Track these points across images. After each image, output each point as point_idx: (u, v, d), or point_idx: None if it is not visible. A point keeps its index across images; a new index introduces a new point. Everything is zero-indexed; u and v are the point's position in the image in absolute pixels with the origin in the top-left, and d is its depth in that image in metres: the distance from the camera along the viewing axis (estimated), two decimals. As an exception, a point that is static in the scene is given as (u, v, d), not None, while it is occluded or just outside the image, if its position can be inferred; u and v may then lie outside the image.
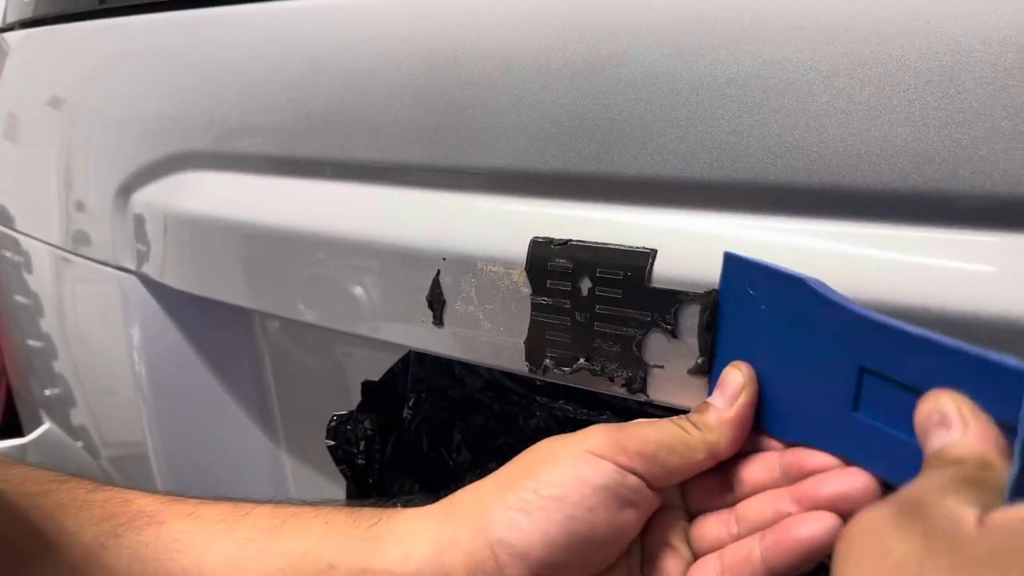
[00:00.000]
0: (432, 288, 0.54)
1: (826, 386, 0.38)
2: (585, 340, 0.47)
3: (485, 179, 0.52)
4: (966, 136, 0.36)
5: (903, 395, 0.34)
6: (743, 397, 0.40)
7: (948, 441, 0.30)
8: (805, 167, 0.40)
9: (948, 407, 0.31)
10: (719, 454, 0.40)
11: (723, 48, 0.42)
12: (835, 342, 0.37)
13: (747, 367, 0.41)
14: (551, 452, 0.41)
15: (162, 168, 0.75)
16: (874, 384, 0.36)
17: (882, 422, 0.36)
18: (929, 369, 0.33)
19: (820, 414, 0.38)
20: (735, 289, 0.41)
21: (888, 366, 0.35)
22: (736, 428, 0.40)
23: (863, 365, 0.36)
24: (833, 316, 0.37)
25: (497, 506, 0.39)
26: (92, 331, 0.95)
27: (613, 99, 0.45)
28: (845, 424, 0.37)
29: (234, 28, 0.67)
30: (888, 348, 0.35)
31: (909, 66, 0.37)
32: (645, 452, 0.39)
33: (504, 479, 0.41)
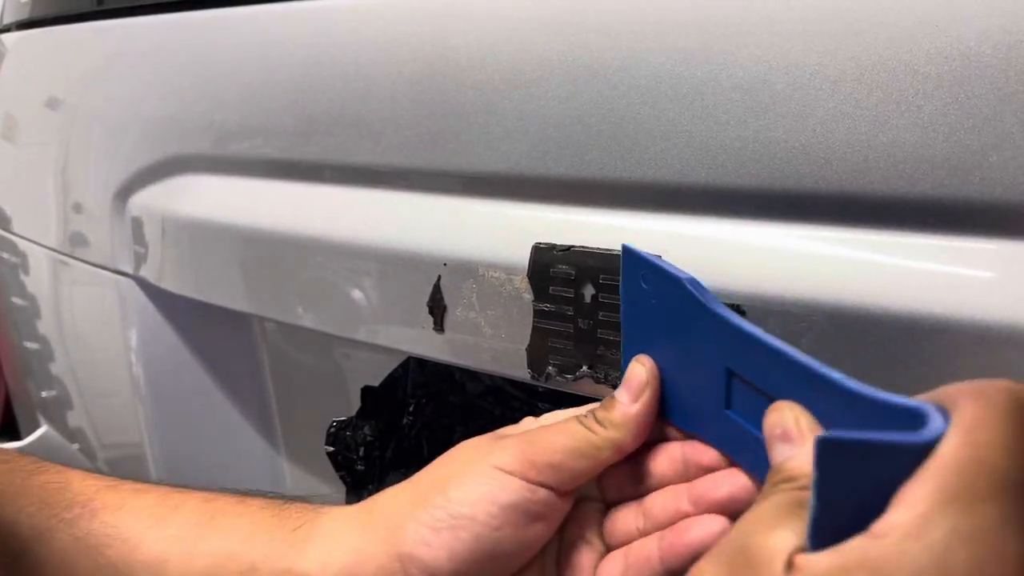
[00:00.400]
0: (433, 294, 0.53)
1: (704, 383, 0.38)
2: (588, 347, 0.47)
3: (487, 183, 0.52)
4: (976, 142, 0.36)
5: (761, 399, 0.35)
6: (647, 394, 0.40)
7: (787, 455, 0.31)
8: (811, 173, 0.40)
9: (788, 420, 0.32)
10: (625, 449, 0.40)
11: (728, 52, 0.41)
12: (707, 342, 0.38)
13: (650, 362, 0.41)
14: (463, 465, 0.41)
15: (160, 171, 0.74)
16: (739, 386, 0.37)
17: (747, 422, 0.37)
18: (780, 378, 0.34)
19: (704, 409, 0.39)
20: (632, 282, 0.42)
21: (748, 370, 0.36)
22: (640, 423, 0.40)
23: (728, 367, 0.37)
24: (704, 317, 0.38)
25: (410, 521, 0.40)
26: (89, 334, 0.94)
27: (617, 103, 0.45)
28: (722, 421, 0.38)
29: (233, 30, 0.67)
30: (748, 353, 0.36)
31: (917, 71, 0.37)
32: (554, 462, 0.40)
33: (419, 490, 0.42)
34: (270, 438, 0.90)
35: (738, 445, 0.38)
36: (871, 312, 0.38)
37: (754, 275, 0.42)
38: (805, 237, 0.41)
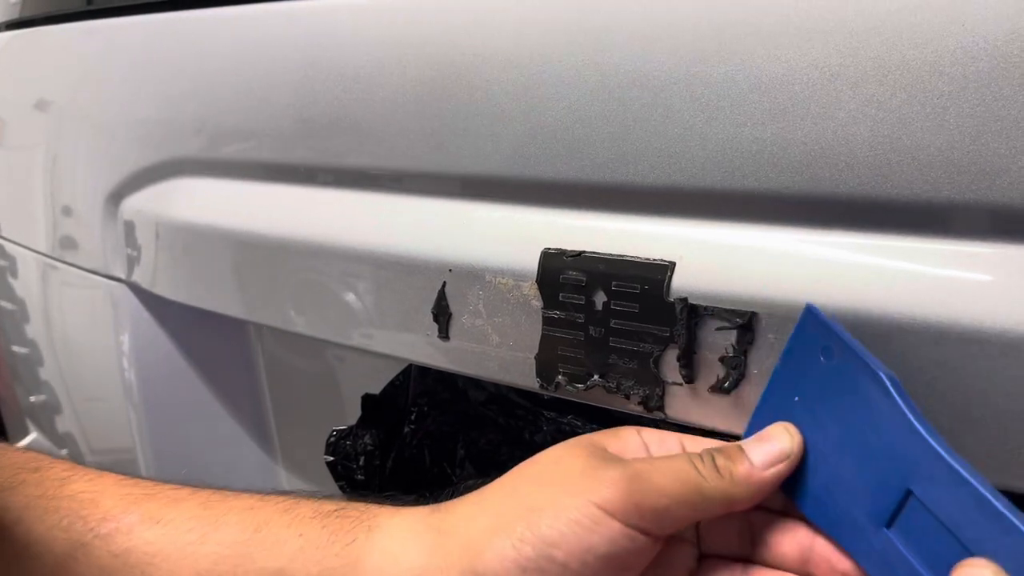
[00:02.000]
0: (438, 300, 0.52)
1: (866, 489, 0.35)
2: (600, 356, 0.46)
3: (494, 187, 0.51)
4: (1004, 146, 0.35)
5: (942, 535, 0.32)
6: (782, 466, 0.37)
7: None
8: (832, 177, 0.39)
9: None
10: (735, 508, 0.37)
11: (745, 52, 0.40)
12: (890, 451, 0.35)
13: (798, 435, 0.38)
14: (556, 495, 0.37)
15: (153, 174, 0.73)
16: (916, 511, 0.34)
17: (910, 551, 0.34)
18: (979, 525, 0.31)
19: (850, 513, 0.36)
20: (806, 346, 0.38)
21: (935, 500, 0.33)
22: (764, 491, 0.37)
23: (911, 488, 0.34)
24: (897, 423, 0.34)
25: (492, 551, 0.37)
26: (80, 338, 0.93)
27: (629, 105, 0.44)
28: (872, 536, 0.35)
29: (227, 30, 0.65)
30: (942, 483, 0.33)
31: (943, 71, 0.36)
32: (659, 508, 0.36)
33: (502, 514, 0.38)
34: (266, 446, 0.88)
35: (885, 570, 0.35)
36: (873, 316, 0.38)
37: (763, 280, 0.41)
38: (826, 244, 0.40)
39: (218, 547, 0.41)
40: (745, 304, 0.41)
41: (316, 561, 0.40)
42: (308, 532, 0.41)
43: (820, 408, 0.37)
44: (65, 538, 0.43)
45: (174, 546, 0.42)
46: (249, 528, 0.42)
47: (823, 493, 0.37)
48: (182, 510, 0.43)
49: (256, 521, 0.42)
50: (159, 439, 0.85)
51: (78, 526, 0.43)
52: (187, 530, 0.42)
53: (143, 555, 0.42)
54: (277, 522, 0.42)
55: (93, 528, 0.43)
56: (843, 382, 0.36)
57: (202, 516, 0.43)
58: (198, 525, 0.42)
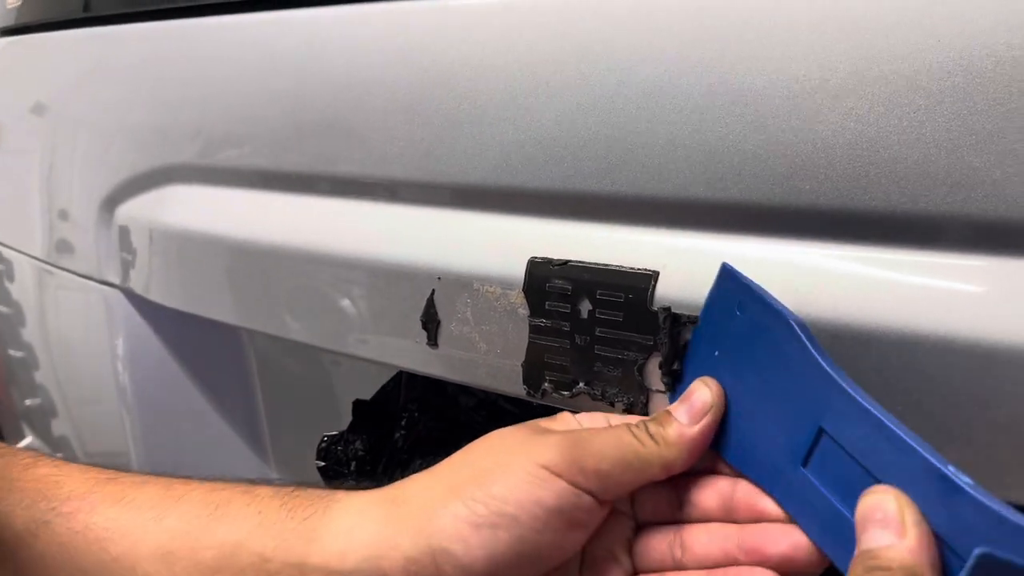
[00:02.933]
0: (426, 308, 0.53)
1: (783, 432, 0.36)
2: (585, 364, 0.46)
3: (482, 196, 0.51)
4: (978, 159, 0.35)
5: (852, 467, 0.33)
6: (707, 418, 0.39)
7: (883, 543, 0.30)
8: (812, 188, 0.39)
9: (891, 508, 0.30)
10: (673, 470, 0.39)
11: (727, 65, 0.40)
12: (802, 392, 0.36)
13: (717, 386, 0.40)
14: (504, 458, 0.39)
15: (148, 181, 0.73)
16: (828, 448, 0.35)
17: (826, 486, 0.35)
18: (887, 457, 0.32)
19: (772, 458, 0.37)
20: (722, 303, 0.40)
21: (845, 436, 0.34)
22: (695, 447, 0.39)
23: (822, 426, 0.35)
24: (806, 365, 0.35)
25: (444, 513, 0.38)
26: (75, 343, 0.93)
27: (614, 115, 0.44)
28: (792, 476, 0.36)
29: (222, 39, 0.66)
30: (850, 418, 0.34)
31: (920, 86, 0.36)
32: (601, 470, 0.38)
33: (454, 481, 0.39)
34: (259, 451, 0.89)
35: (804, 506, 0.36)
36: (855, 327, 0.38)
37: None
38: (807, 254, 0.41)
39: (178, 522, 0.42)
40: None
41: (273, 535, 0.40)
42: (267, 509, 0.42)
43: (738, 360, 0.39)
44: (26, 516, 0.43)
45: (134, 523, 0.42)
46: (210, 506, 0.42)
47: (746, 441, 0.39)
48: (144, 491, 0.44)
49: (216, 500, 0.43)
50: (153, 443, 0.86)
51: (40, 505, 0.43)
52: (148, 508, 0.43)
53: (102, 531, 0.42)
54: (237, 501, 0.42)
55: (55, 507, 0.43)
56: (757, 332, 0.38)
57: (163, 495, 0.43)
58: (159, 503, 0.43)
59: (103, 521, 0.43)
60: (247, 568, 0.40)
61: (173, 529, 0.42)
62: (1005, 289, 0.36)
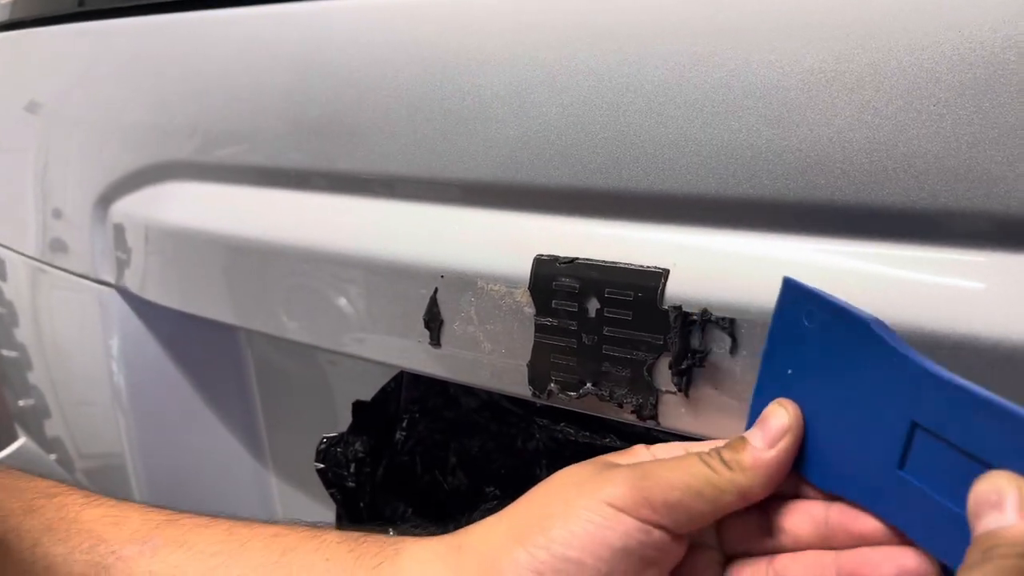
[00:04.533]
0: (429, 307, 0.52)
1: (873, 438, 0.35)
2: (593, 364, 0.45)
3: (486, 192, 0.50)
4: (1001, 153, 0.34)
5: (957, 459, 0.31)
6: (785, 440, 0.37)
7: (1005, 523, 0.28)
8: (828, 184, 0.38)
9: (1007, 490, 0.29)
10: (751, 498, 0.37)
11: (740, 57, 0.40)
12: (888, 391, 0.34)
13: (794, 408, 0.37)
14: (568, 500, 0.37)
15: (143, 178, 0.72)
16: (925, 442, 0.33)
17: (928, 485, 0.33)
18: (992, 436, 0.30)
19: (863, 468, 0.35)
20: (789, 318, 0.38)
21: (943, 425, 0.32)
22: (773, 472, 0.37)
23: (915, 420, 0.33)
24: (889, 362, 0.34)
25: (507, 562, 0.37)
26: (69, 343, 0.92)
27: (623, 110, 0.43)
28: (889, 482, 0.34)
29: (218, 33, 0.65)
30: (947, 406, 0.32)
31: (940, 79, 0.35)
32: (670, 501, 0.36)
33: (517, 526, 0.38)
34: (257, 452, 0.88)
35: (906, 511, 0.34)
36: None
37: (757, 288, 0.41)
38: (820, 251, 0.40)
39: (244, 570, 0.41)
40: (739, 312, 0.40)
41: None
42: (335, 556, 0.40)
43: (814, 373, 0.37)
44: (86, 560, 0.42)
45: (198, 570, 0.41)
46: (276, 552, 0.41)
47: (835, 458, 0.37)
48: (206, 535, 0.43)
49: (282, 546, 0.42)
50: (148, 444, 0.85)
51: (100, 548, 0.42)
52: (212, 554, 0.42)
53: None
54: (303, 548, 0.41)
55: (115, 551, 0.42)
56: (830, 340, 0.36)
57: (227, 540, 0.42)
58: (224, 549, 0.42)
59: (166, 568, 0.42)
60: None
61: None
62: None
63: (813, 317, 0.37)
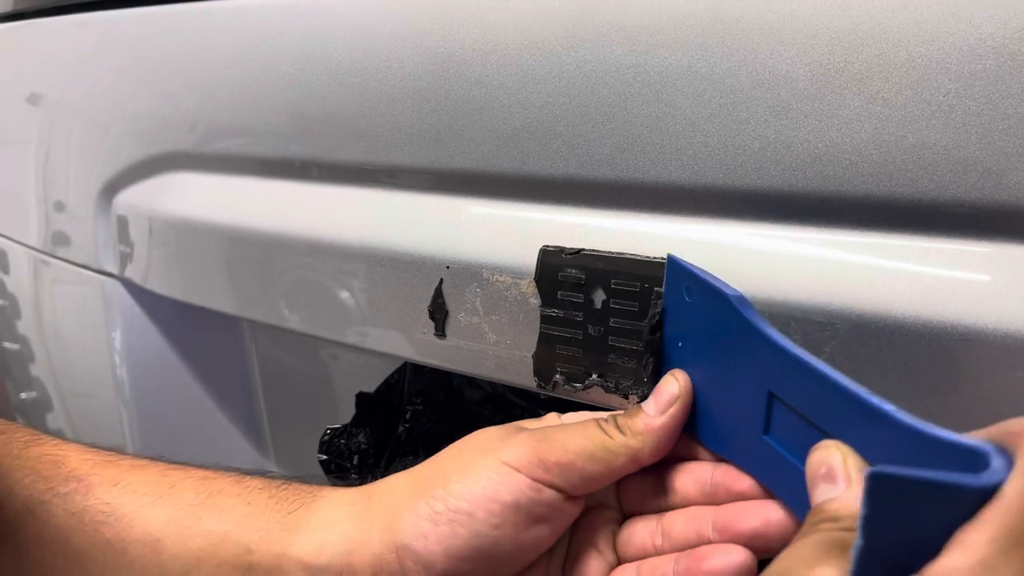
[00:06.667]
0: (434, 298, 0.51)
1: (744, 405, 0.37)
2: (598, 355, 0.45)
3: (492, 183, 0.50)
4: (1011, 144, 0.34)
5: (804, 427, 0.34)
6: (675, 408, 0.39)
7: (831, 495, 0.30)
8: (836, 176, 0.38)
9: (835, 461, 0.31)
10: (641, 460, 0.39)
11: (748, 48, 0.39)
12: (750, 361, 0.36)
13: (684, 377, 0.40)
14: (470, 459, 0.40)
15: (147, 169, 0.72)
16: (781, 411, 0.35)
17: (787, 450, 0.35)
18: (828, 407, 0.32)
19: (739, 432, 0.38)
20: (675, 294, 0.41)
21: (792, 396, 0.34)
22: (662, 437, 0.39)
23: (771, 390, 0.35)
24: (748, 334, 0.36)
25: (408, 511, 0.40)
26: (71, 335, 0.92)
27: (630, 101, 0.43)
28: (758, 446, 0.37)
29: (222, 24, 0.65)
30: (793, 378, 0.34)
31: (950, 69, 0.35)
32: (564, 462, 0.39)
33: (421, 480, 0.41)
34: (259, 444, 0.87)
35: (773, 472, 0.36)
36: (873, 315, 0.37)
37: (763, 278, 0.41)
38: (828, 243, 0.40)
39: (171, 509, 0.43)
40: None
41: (259, 527, 0.42)
42: (255, 501, 0.43)
43: (697, 345, 0.40)
44: (25, 495, 0.44)
45: (128, 507, 0.44)
46: (202, 495, 0.44)
47: (718, 422, 0.39)
48: (141, 476, 0.45)
49: (209, 489, 0.44)
50: (150, 437, 0.85)
51: (39, 485, 0.44)
52: (143, 493, 0.44)
53: (98, 513, 0.43)
54: (228, 492, 0.44)
55: (53, 487, 0.44)
56: (704, 313, 0.39)
57: (159, 482, 0.45)
58: (154, 489, 0.44)
59: (98, 504, 0.44)
60: (231, 558, 0.42)
61: (165, 516, 0.43)
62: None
63: (691, 292, 0.39)
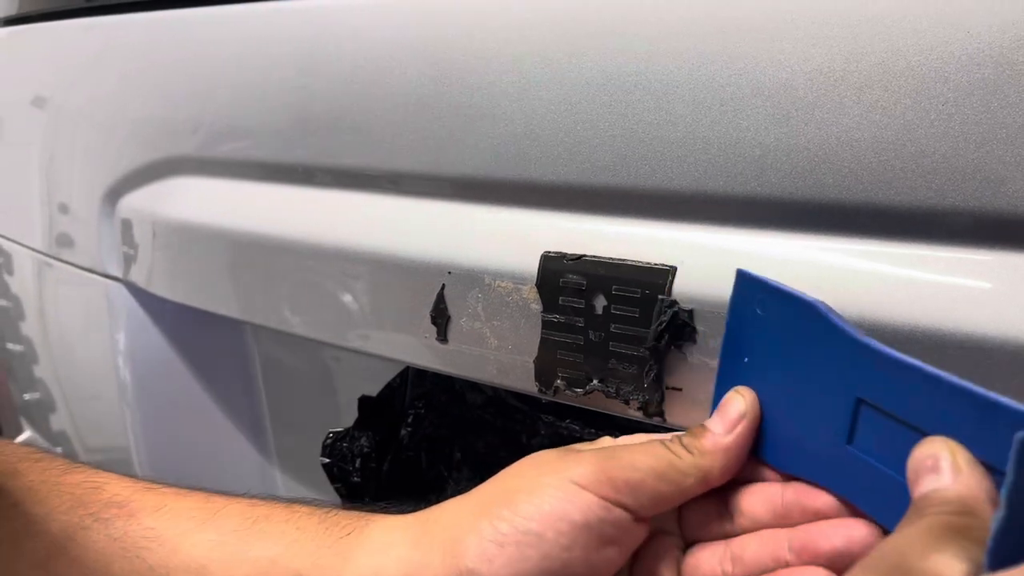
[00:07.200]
0: (436, 303, 0.52)
1: (823, 416, 0.36)
2: (599, 360, 0.45)
3: (494, 189, 0.50)
4: (1009, 153, 0.34)
5: (899, 431, 0.33)
6: (742, 425, 0.38)
7: (937, 485, 0.29)
8: (836, 183, 0.38)
9: (942, 454, 0.30)
10: (711, 481, 0.38)
11: (748, 55, 0.40)
12: (834, 369, 0.35)
13: (750, 393, 0.39)
14: (534, 478, 0.38)
15: (150, 173, 0.72)
16: (870, 417, 0.34)
17: (875, 458, 0.34)
18: (929, 406, 0.31)
19: (816, 445, 0.37)
20: (744, 308, 0.39)
21: (885, 399, 0.33)
22: (732, 456, 0.38)
23: (860, 396, 0.34)
24: (834, 342, 0.35)
25: (472, 534, 0.38)
26: (75, 337, 0.92)
27: (631, 107, 0.43)
28: (839, 458, 0.35)
29: (225, 29, 0.65)
30: (887, 380, 0.33)
31: (948, 78, 0.35)
32: (633, 482, 0.37)
33: (483, 502, 0.39)
34: (262, 447, 0.88)
35: (857, 484, 0.35)
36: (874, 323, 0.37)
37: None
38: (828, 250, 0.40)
39: (216, 534, 0.42)
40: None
41: (309, 552, 0.40)
42: (305, 526, 0.42)
43: (768, 360, 0.39)
44: (65, 520, 0.43)
45: (171, 532, 0.42)
46: (248, 520, 0.42)
47: (789, 440, 0.38)
48: (184, 502, 0.44)
49: (256, 515, 0.43)
50: (154, 439, 0.85)
51: (79, 511, 0.43)
52: (187, 518, 0.43)
53: (140, 539, 0.42)
54: (275, 517, 0.42)
55: (94, 513, 0.43)
56: (780, 326, 0.38)
57: (203, 507, 0.43)
58: (199, 514, 0.43)
59: (141, 530, 0.42)
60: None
61: (210, 542, 0.42)
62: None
63: (765, 305, 0.38)
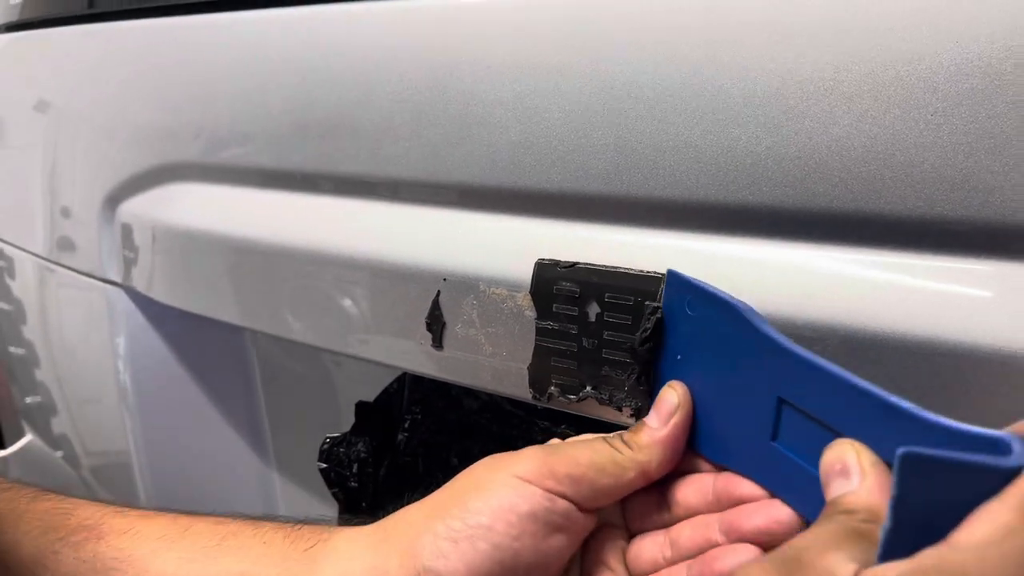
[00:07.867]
0: (432, 309, 0.52)
1: (749, 413, 0.37)
2: (592, 367, 0.46)
3: (489, 197, 0.51)
4: (997, 163, 0.35)
5: (816, 430, 0.34)
6: (675, 418, 0.40)
7: (846, 489, 0.31)
8: (826, 192, 0.39)
9: (849, 457, 0.31)
10: (650, 474, 0.40)
11: (740, 65, 0.40)
12: (758, 369, 0.37)
13: (682, 388, 0.41)
14: (483, 477, 0.41)
15: (151, 179, 0.73)
16: (791, 416, 0.36)
17: (796, 455, 0.36)
18: (840, 407, 0.33)
19: (744, 440, 0.38)
20: (676, 307, 0.41)
21: (802, 399, 0.35)
22: (667, 448, 0.40)
23: (781, 395, 0.36)
24: (757, 343, 0.36)
25: (427, 534, 0.40)
26: (76, 341, 0.92)
27: (624, 116, 0.44)
28: (765, 453, 0.37)
29: (226, 36, 0.65)
30: (803, 381, 0.34)
31: (937, 88, 0.36)
32: (575, 474, 0.39)
33: (437, 504, 0.41)
34: (261, 451, 0.88)
35: (781, 478, 0.37)
36: (867, 331, 0.38)
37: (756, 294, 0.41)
38: (819, 257, 0.40)
39: (185, 551, 0.43)
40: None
41: (276, 564, 0.42)
42: (271, 540, 0.43)
43: (699, 357, 0.40)
44: (34, 546, 0.44)
45: (141, 551, 0.44)
46: (216, 537, 0.44)
47: (721, 433, 0.40)
48: (152, 523, 0.45)
49: (223, 532, 0.44)
50: (153, 443, 0.85)
51: (49, 535, 0.44)
52: (156, 538, 0.44)
53: (110, 560, 0.44)
54: (243, 533, 0.44)
55: (64, 537, 0.44)
56: (708, 325, 0.39)
57: (171, 526, 0.45)
58: (167, 533, 0.44)
59: (111, 551, 0.44)
60: None
61: (179, 559, 0.43)
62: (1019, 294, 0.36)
63: (694, 305, 0.40)
